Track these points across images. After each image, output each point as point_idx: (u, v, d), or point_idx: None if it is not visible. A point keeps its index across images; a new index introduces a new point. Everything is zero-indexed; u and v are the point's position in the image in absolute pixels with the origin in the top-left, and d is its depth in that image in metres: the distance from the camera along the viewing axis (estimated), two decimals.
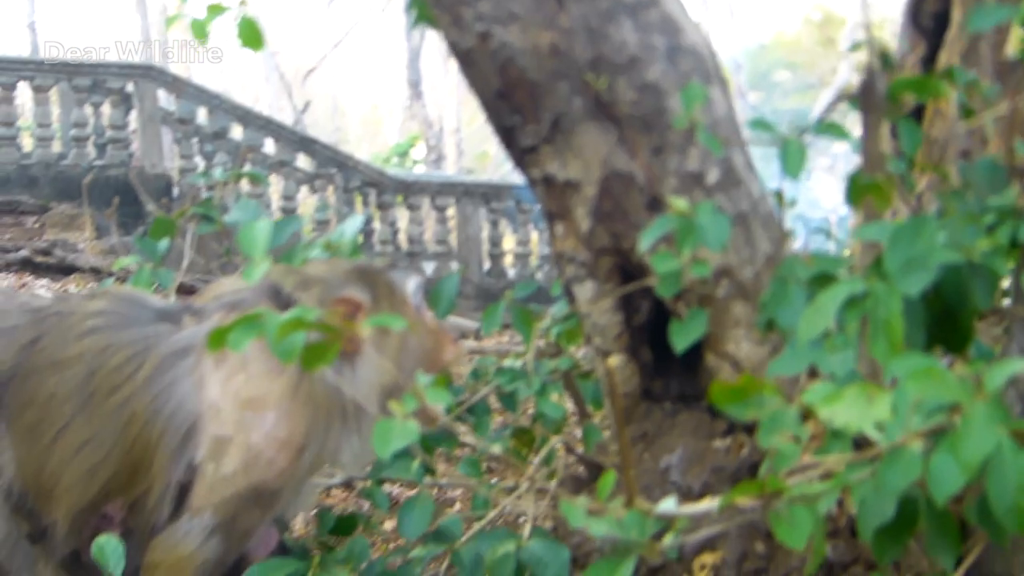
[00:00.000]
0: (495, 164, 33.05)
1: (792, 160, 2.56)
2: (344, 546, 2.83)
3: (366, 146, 26.89)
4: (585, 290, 3.08)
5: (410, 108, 31.06)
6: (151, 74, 16.77)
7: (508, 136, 3.03)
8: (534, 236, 18.27)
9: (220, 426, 2.72)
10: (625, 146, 2.91)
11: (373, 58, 43.85)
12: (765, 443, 1.75)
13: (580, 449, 3.38)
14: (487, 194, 18.01)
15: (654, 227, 2.51)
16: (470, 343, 8.90)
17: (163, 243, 3.56)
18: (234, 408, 2.72)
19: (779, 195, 2.96)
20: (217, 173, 3.77)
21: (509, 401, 3.39)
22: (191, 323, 2.84)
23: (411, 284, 3.03)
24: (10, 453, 2.89)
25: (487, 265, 17.86)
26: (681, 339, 2.66)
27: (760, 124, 2.58)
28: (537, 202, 3.11)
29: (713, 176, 2.91)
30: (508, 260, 18.11)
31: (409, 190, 17.63)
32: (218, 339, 1.98)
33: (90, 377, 2.80)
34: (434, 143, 29.71)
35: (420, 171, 26.13)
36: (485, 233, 18.09)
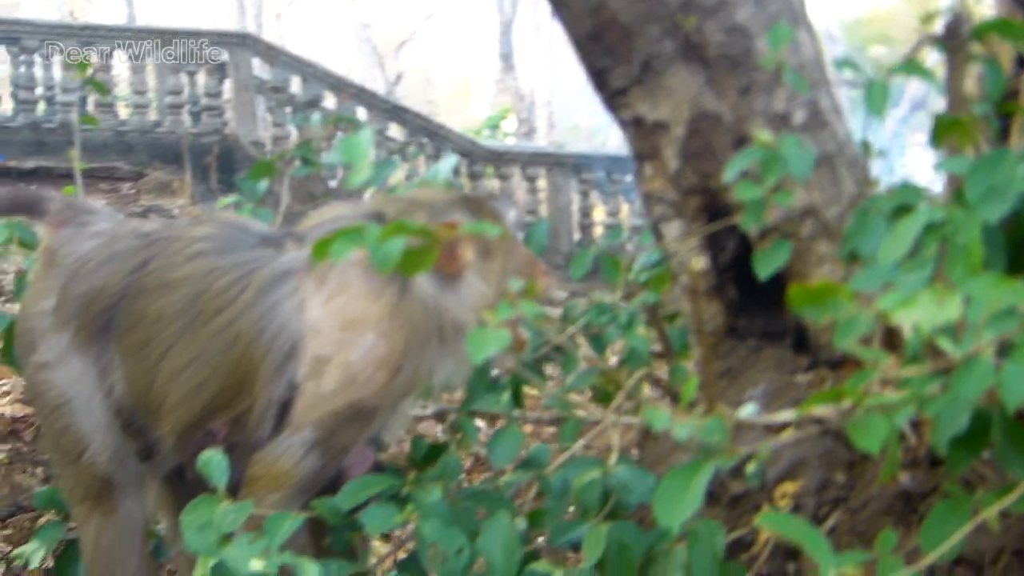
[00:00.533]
0: (586, 136, 33.05)
1: (875, 99, 2.60)
2: (437, 465, 2.93)
3: (457, 119, 26.93)
4: (673, 229, 3.15)
5: (501, 81, 31.14)
6: (246, 42, 17.00)
7: (599, 78, 3.11)
8: (624, 207, 18.25)
9: (320, 346, 2.83)
10: (713, 87, 2.98)
11: (465, 30, 43.90)
12: (840, 344, 1.81)
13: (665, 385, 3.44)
14: (578, 165, 18.02)
15: (740, 158, 2.58)
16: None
17: (262, 184, 3.67)
18: (334, 329, 2.82)
19: (866, 144, 3.02)
20: (315, 118, 3.88)
21: (597, 343, 3.46)
22: (293, 248, 2.95)
23: (512, 214, 3.11)
24: (120, 371, 3.03)
25: (577, 236, 17.88)
26: (764, 267, 2.72)
27: (846, 64, 2.64)
28: (629, 173, 3.19)
29: (799, 117, 2.97)
30: (598, 231, 18.09)
31: (500, 160, 17.70)
32: (321, 250, 2.07)
33: (196, 299, 2.92)
34: (525, 116, 29.77)
35: (511, 143, 26.20)
36: (576, 204, 18.12)
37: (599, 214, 18.45)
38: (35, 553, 3.40)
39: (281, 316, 2.85)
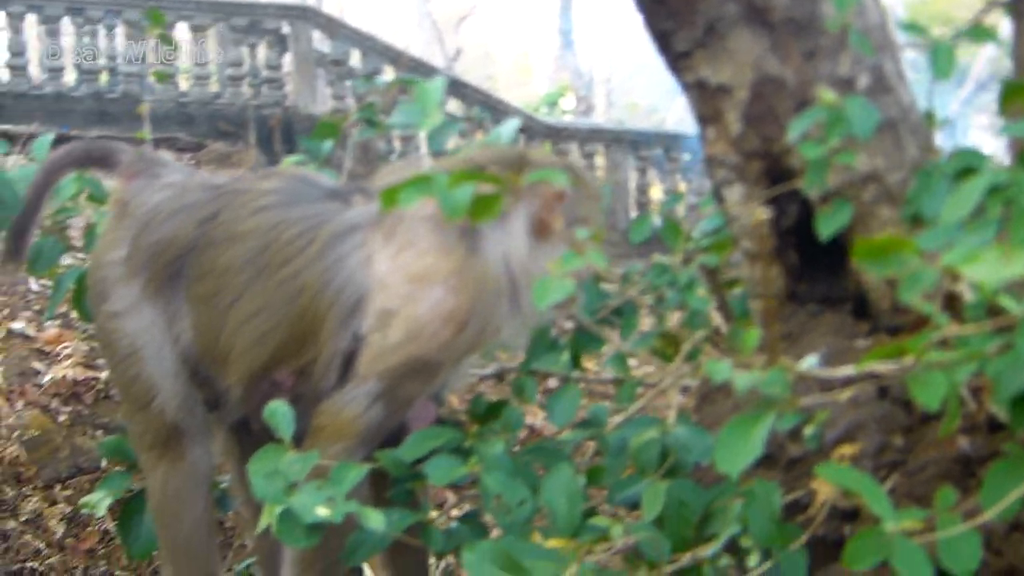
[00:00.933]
0: (644, 114, 32.95)
1: (941, 63, 2.61)
2: (499, 418, 2.96)
3: (515, 95, 26.91)
4: (734, 193, 3.16)
5: (560, 58, 31.07)
6: (306, 15, 17.05)
7: (663, 41, 3.12)
8: (682, 185, 18.19)
9: (387, 299, 2.87)
10: (777, 51, 2.98)
11: (525, 6, 43.83)
12: (904, 298, 1.82)
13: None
14: (636, 142, 17.99)
15: (804, 117, 2.59)
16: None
17: (326, 144, 3.70)
18: (401, 282, 2.86)
19: (929, 114, 3.02)
20: (379, 80, 3.91)
21: (656, 307, 3.48)
22: (361, 202, 2.99)
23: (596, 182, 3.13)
24: (189, 320, 3.09)
25: (634, 213, 17.84)
26: (827, 227, 2.73)
27: (912, 27, 2.64)
28: (687, 151, 3.21)
29: (863, 81, 2.97)
30: (656, 208, 18.03)
31: (558, 136, 17.69)
32: (390, 197, 2.10)
33: (263, 250, 2.97)
34: (584, 93, 29.68)
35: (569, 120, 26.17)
36: (633, 181, 18.09)
37: (656, 192, 18.40)
38: (101, 502, 3.46)
39: (347, 269, 2.89)
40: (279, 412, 2.60)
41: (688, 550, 2.57)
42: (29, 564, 5.94)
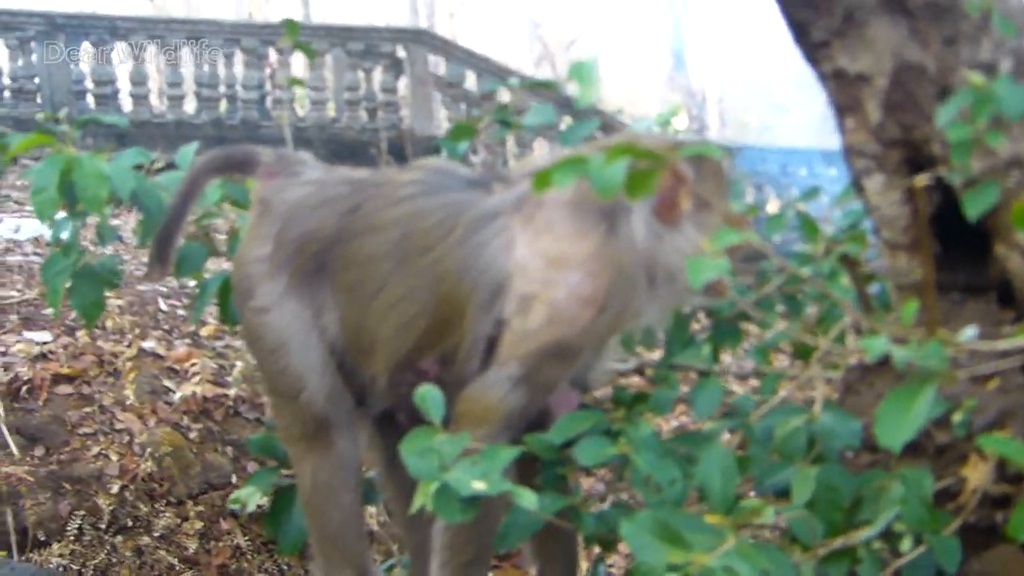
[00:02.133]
0: (756, 133, 32.77)
1: None
2: (647, 401, 2.97)
3: (627, 115, 26.94)
4: (874, 183, 3.14)
5: (672, 78, 31.06)
6: (422, 38, 17.25)
7: (800, 31, 3.11)
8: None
9: (527, 284, 2.90)
10: (917, 37, 2.97)
11: (636, 27, 43.85)
12: None
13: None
14: (750, 156, 17.93)
15: (952, 101, 2.57)
16: None
17: (462, 145, 3.75)
18: (541, 267, 2.89)
19: None
20: (513, 81, 3.96)
21: (793, 303, 3.48)
22: (500, 190, 3.03)
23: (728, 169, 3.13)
24: (334, 313, 3.14)
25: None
26: (974, 207, 2.70)
27: None
28: (802, 166, 3.19)
29: (1006, 66, 2.94)
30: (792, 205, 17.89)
31: None
32: (543, 179, 2.12)
33: (405, 239, 3.02)
34: (696, 112, 29.63)
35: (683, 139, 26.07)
36: (750, 197, 18.00)
37: (773, 208, 18.32)
38: (251, 496, 3.52)
39: (488, 255, 2.93)
40: (430, 395, 2.63)
41: (839, 535, 2.56)
42: None
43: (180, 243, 3.62)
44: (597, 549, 3.29)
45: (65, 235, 3.67)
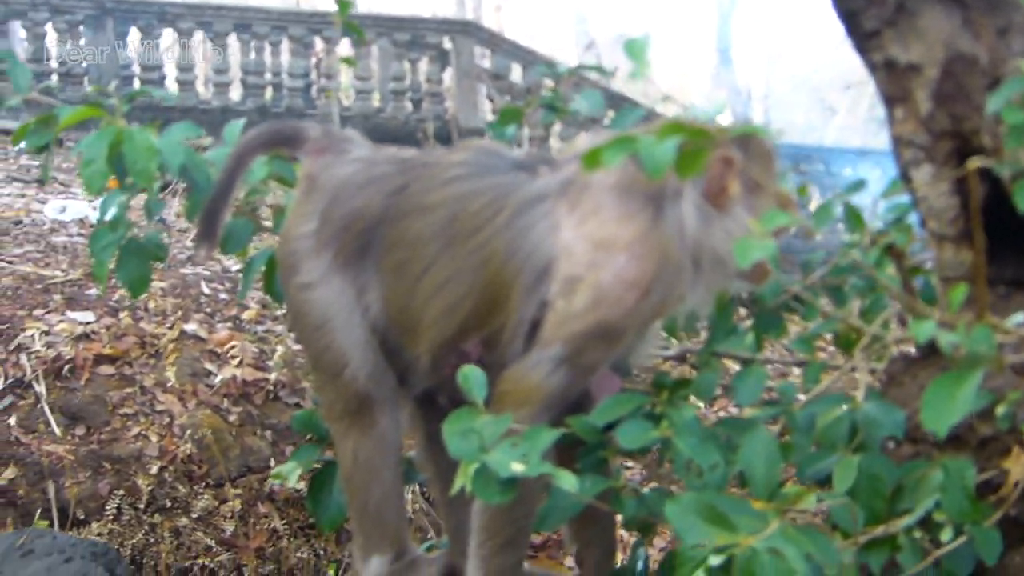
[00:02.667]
0: (802, 132, 32.63)
1: None
2: (690, 385, 2.97)
3: (672, 111, 26.89)
4: (922, 173, 3.13)
5: (717, 75, 30.97)
6: (468, 30, 17.26)
7: (851, 21, 3.11)
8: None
9: (572, 266, 2.89)
10: (969, 28, 2.95)
11: (682, 23, 43.74)
12: None
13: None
14: (796, 157, 17.85)
15: (1004, 88, 2.56)
16: None
17: (510, 129, 3.75)
18: (587, 249, 2.88)
19: None
20: (561, 69, 3.96)
21: (838, 295, 3.46)
22: (547, 173, 3.03)
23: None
24: (379, 291, 3.14)
25: (793, 228, 17.67)
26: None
27: None
28: (846, 166, 3.16)
29: None
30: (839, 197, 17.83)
31: None
32: (592, 159, 2.12)
33: (452, 220, 3.02)
34: (741, 110, 29.53)
35: None
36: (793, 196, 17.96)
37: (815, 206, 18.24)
38: (292, 472, 3.53)
39: (534, 237, 2.93)
40: (472, 376, 2.64)
41: (880, 523, 2.56)
42: (200, 561, 6.10)
43: (227, 219, 3.62)
44: (636, 534, 3.29)
45: (113, 210, 3.68)
